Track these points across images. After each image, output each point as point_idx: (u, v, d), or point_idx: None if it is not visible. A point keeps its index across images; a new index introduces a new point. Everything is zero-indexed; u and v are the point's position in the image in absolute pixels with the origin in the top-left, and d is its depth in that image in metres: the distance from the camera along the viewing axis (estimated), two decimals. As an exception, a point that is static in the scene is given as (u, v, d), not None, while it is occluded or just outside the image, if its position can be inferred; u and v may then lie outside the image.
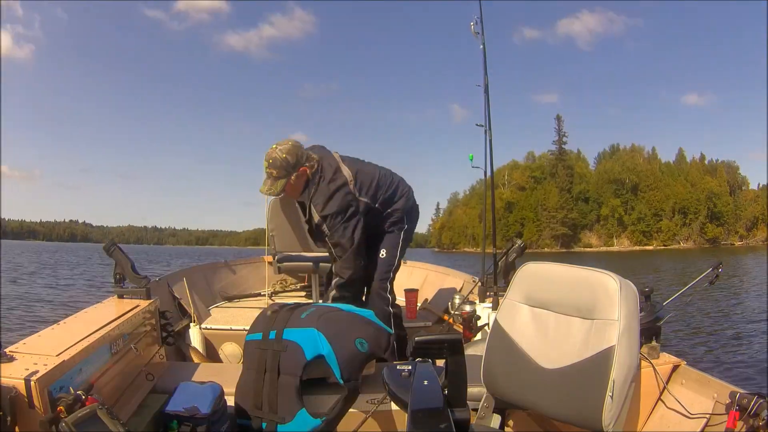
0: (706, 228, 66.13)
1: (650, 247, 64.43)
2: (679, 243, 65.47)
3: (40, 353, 1.30)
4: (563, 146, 71.70)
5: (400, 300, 2.85)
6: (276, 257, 3.23)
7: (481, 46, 2.77)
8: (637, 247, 65.06)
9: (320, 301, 3.31)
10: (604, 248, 65.51)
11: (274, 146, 2.27)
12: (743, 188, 71.83)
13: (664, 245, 64.93)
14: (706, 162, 72.65)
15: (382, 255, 2.44)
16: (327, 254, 3.16)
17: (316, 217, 2.26)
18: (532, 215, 66.53)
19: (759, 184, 73.31)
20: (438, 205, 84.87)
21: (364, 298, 2.47)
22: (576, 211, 67.62)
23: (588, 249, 65.28)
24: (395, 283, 2.65)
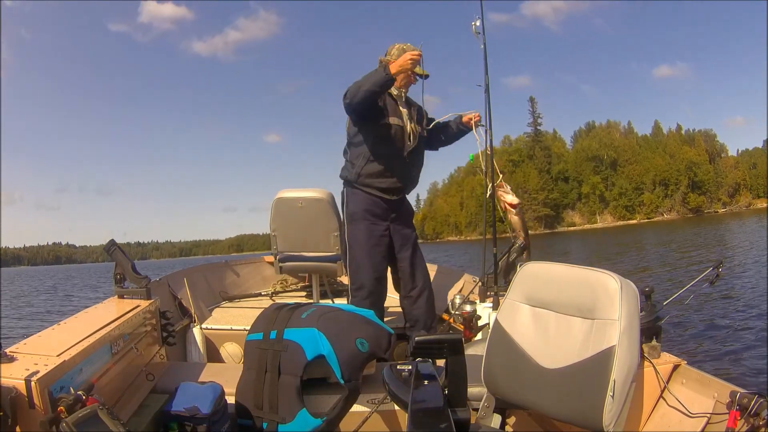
0: (688, 198, 66.65)
1: (634, 221, 64.71)
2: (663, 215, 66.05)
3: (40, 353, 1.30)
4: (539, 128, 71.79)
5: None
6: (277, 257, 3.23)
7: (482, 46, 2.75)
8: (620, 222, 65.28)
9: (321, 301, 3.32)
10: (587, 226, 65.46)
11: None
12: (722, 155, 72.15)
13: (648, 218, 65.35)
14: (683, 132, 73.10)
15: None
16: (328, 254, 3.18)
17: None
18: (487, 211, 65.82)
19: (738, 150, 74.40)
20: (418, 196, 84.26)
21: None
22: (556, 191, 67.88)
23: (571, 228, 65.35)
24: (392, 283, 2.70)
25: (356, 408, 1.74)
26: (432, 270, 3.73)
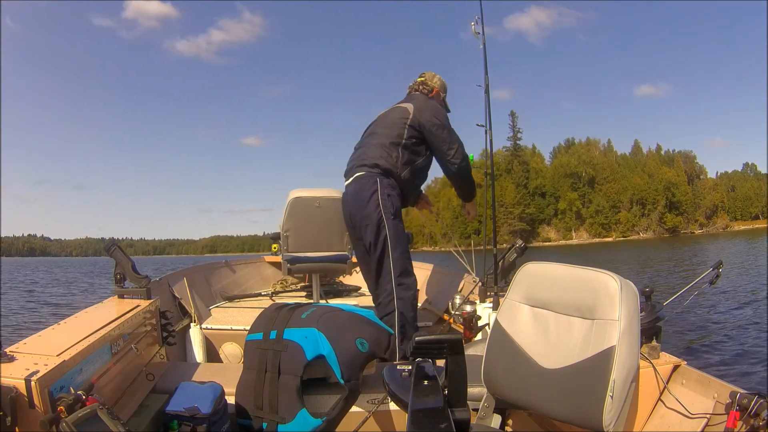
0: (665, 218, 67.37)
1: (610, 239, 65.38)
2: (639, 234, 66.67)
3: (40, 353, 1.30)
4: (518, 142, 71.78)
5: None
6: (284, 258, 3.22)
7: (482, 47, 2.76)
8: (596, 240, 65.93)
9: (321, 301, 3.32)
10: (563, 242, 65.83)
11: None
12: (701, 177, 73.44)
13: (624, 236, 66.07)
14: (662, 153, 74.12)
15: None
16: (337, 254, 3.18)
17: None
18: (489, 212, 65.74)
19: (717, 173, 76.20)
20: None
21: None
22: (533, 206, 68.17)
23: (547, 243, 65.58)
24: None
25: (356, 408, 1.74)
26: (432, 270, 3.74)
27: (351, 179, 2.51)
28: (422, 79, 2.72)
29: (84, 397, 1.18)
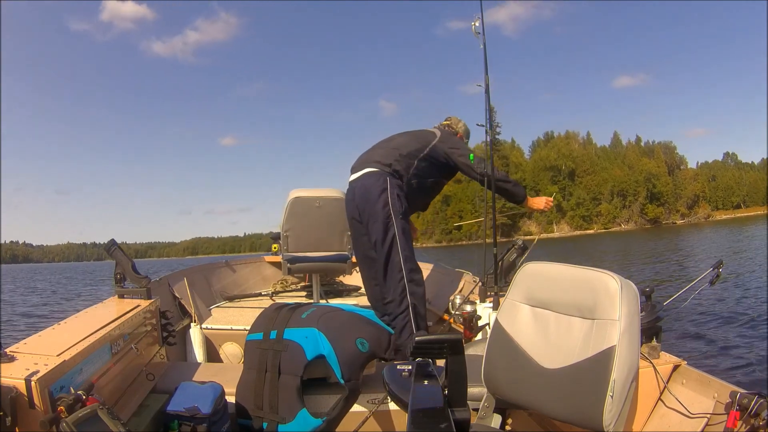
0: (646, 209, 67.60)
1: (591, 231, 65.58)
2: (620, 225, 66.89)
3: (40, 353, 1.30)
4: (497, 136, 71.78)
5: None
6: (285, 258, 3.23)
7: (482, 46, 2.76)
8: (577, 232, 66.00)
9: (321, 301, 3.32)
10: (544, 235, 65.87)
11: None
12: (682, 168, 73.76)
13: (605, 228, 66.27)
14: (642, 144, 74.50)
15: None
16: (337, 253, 3.18)
17: None
18: (469, 207, 64.96)
19: (698, 163, 77.05)
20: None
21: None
22: None
23: (528, 237, 65.26)
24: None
25: (356, 408, 1.74)
26: (432, 270, 3.74)
27: (360, 174, 2.52)
28: (448, 122, 2.87)
29: (84, 397, 1.18)
